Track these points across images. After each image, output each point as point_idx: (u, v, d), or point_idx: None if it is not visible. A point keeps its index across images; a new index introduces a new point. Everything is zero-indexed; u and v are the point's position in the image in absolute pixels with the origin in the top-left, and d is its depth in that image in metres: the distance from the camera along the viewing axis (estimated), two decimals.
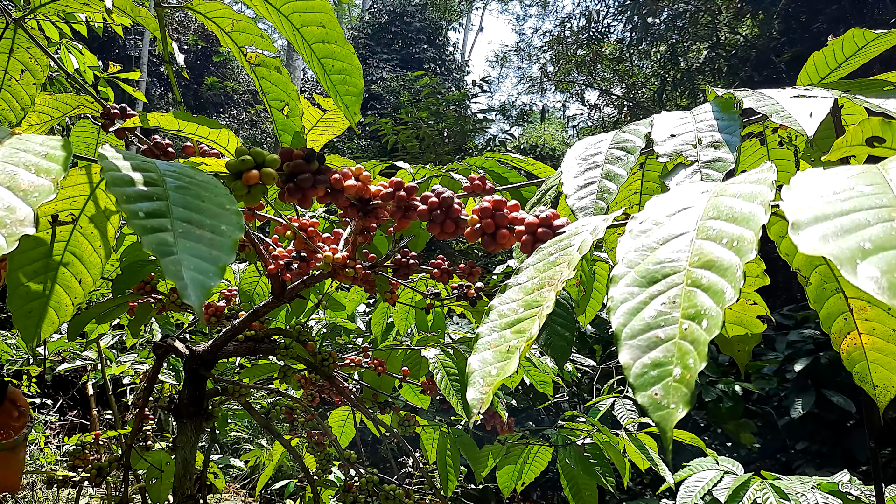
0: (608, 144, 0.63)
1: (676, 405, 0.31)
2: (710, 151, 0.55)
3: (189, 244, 0.44)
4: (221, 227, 0.47)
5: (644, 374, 0.33)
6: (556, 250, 0.51)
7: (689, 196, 0.43)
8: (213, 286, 0.42)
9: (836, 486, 2.22)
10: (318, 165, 0.73)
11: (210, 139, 0.82)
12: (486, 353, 0.46)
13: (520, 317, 0.46)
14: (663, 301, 0.36)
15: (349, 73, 0.82)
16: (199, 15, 0.82)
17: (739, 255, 0.35)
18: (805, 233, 0.33)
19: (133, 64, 11.99)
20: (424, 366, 1.87)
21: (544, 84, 13.94)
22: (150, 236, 0.43)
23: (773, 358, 5.69)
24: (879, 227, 0.31)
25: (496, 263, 6.39)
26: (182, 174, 0.51)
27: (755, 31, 9.95)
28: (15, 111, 0.95)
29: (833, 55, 0.73)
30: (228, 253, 0.45)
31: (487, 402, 0.43)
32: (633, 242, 0.41)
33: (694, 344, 0.33)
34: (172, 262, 0.42)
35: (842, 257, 0.30)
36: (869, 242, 0.30)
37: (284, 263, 1.18)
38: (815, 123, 0.52)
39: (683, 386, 0.32)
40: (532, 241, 0.66)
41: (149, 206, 0.46)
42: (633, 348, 0.35)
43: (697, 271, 0.36)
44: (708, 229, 0.38)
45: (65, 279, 0.63)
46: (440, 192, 0.75)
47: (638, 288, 0.37)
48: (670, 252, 0.38)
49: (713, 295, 0.34)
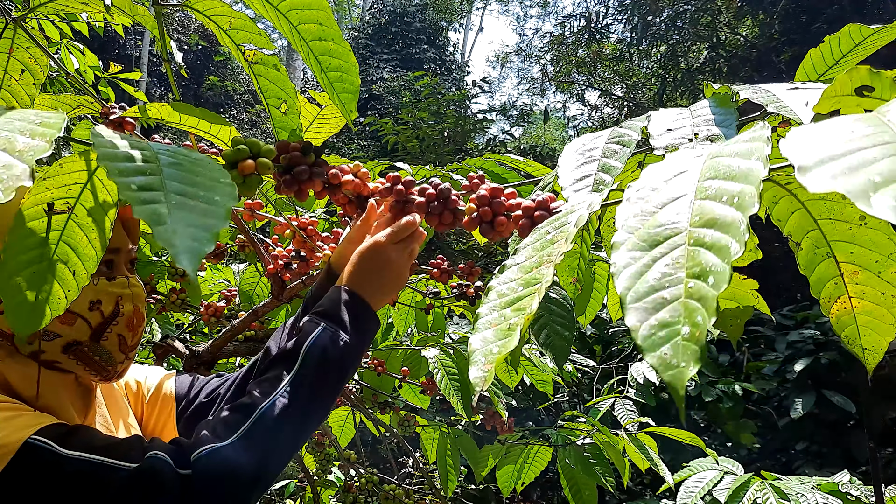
0: (605, 140, 0.63)
1: (687, 363, 0.31)
2: (707, 144, 0.55)
3: (183, 214, 0.44)
4: (215, 198, 0.47)
5: (652, 335, 0.33)
6: (552, 229, 0.51)
7: (685, 160, 0.43)
8: (206, 251, 0.43)
9: (836, 487, 2.22)
10: (315, 158, 0.73)
11: (211, 134, 0.82)
12: (487, 332, 0.45)
13: (519, 295, 0.46)
14: (667, 262, 0.36)
15: (345, 70, 0.82)
16: (196, 13, 0.82)
17: (742, 211, 0.35)
18: (813, 174, 0.33)
19: (133, 64, 12.00)
20: (424, 366, 1.87)
21: (545, 84, 13.95)
22: (144, 207, 0.44)
23: (773, 358, 5.69)
24: (886, 161, 0.32)
25: (496, 263, 6.39)
26: (176, 153, 0.51)
27: (755, 31, 9.95)
28: None
29: (830, 52, 0.73)
30: (222, 220, 0.46)
31: (490, 380, 0.42)
32: (632, 208, 0.41)
33: (701, 301, 0.33)
34: (165, 231, 0.42)
35: (855, 191, 0.31)
36: (878, 176, 0.31)
37: (284, 263, 1.18)
38: (810, 112, 0.52)
39: (693, 343, 0.32)
40: (530, 224, 0.66)
41: (142, 180, 0.46)
42: (638, 311, 0.34)
43: (700, 230, 0.36)
44: (707, 189, 0.38)
45: (59, 271, 0.61)
46: (437, 183, 0.76)
47: (640, 252, 0.37)
48: (671, 214, 0.38)
49: (717, 251, 0.34)
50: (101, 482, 0.66)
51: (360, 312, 0.84)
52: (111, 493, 0.66)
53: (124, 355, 0.85)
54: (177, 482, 0.67)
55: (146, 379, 1.04)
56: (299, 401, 0.76)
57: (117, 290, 0.84)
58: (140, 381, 1.03)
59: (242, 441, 0.71)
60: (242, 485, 0.70)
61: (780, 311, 6.24)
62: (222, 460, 0.69)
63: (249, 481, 0.71)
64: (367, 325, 0.86)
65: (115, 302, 0.83)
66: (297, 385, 0.77)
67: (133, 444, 0.71)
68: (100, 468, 0.66)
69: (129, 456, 0.68)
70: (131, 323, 0.85)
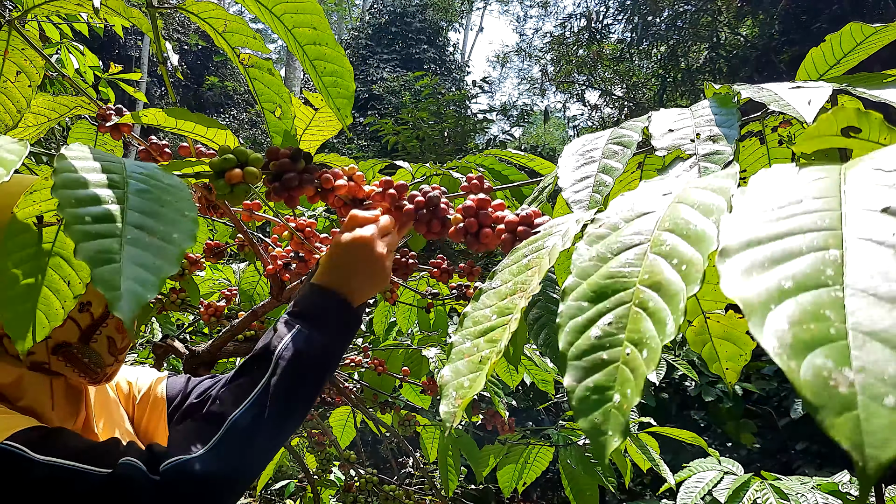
0: (605, 140, 0.63)
1: (614, 433, 0.31)
2: (708, 145, 0.55)
3: (135, 251, 0.42)
4: (174, 235, 0.45)
5: (586, 397, 0.32)
6: (529, 252, 0.50)
7: (652, 199, 0.42)
8: (148, 299, 0.40)
9: (836, 487, 2.21)
10: (305, 165, 0.73)
11: (208, 138, 0.82)
12: (460, 363, 0.44)
13: (493, 324, 0.45)
14: (610, 320, 0.35)
15: (340, 75, 0.82)
16: (191, 15, 0.82)
17: (686, 282, 0.33)
18: (731, 263, 0.29)
19: (133, 64, 12.00)
20: (425, 365, 1.87)
21: (545, 84, 13.95)
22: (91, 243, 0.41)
23: None
24: (811, 258, 0.27)
25: (496, 263, 6.38)
26: (149, 177, 0.50)
27: (755, 31, 9.95)
28: (11, 113, 0.95)
29: (832, 51, 0.73)
30: (173, 264, 0.44)
31: (460, 416, 0.41)
32: (589, 251, 0.40)
33: (633, 373, 0.32)
34: (110, 272, 0.40)
35: (754, 303, 0.26)
36: (790, 280, 0.26)
37: (283, 264, 1.18)
38: (813, 110, 0.52)
39: (621, 414, 0.31)
40: (512, 240, 0.66)
41: (99, 211, 0.44)
42: (577, 370, 0.34)
43: (647, 291, 0.34)
44: (662, 243, 0.37)
45: (53, 281, 0.61)
46: (426, 191, 0.75)
47: (587, 303, 0.36)
48: (623, 264, 0.37)
49: (657, 323, 0.33)
50: (72, 488, 0.65)
51: (338, 310, 0.81)
52: (83, 499, 0.65)
53: (113, 358, 0.85)
54: (149, 489, 0.66)
55: (137, 380, 1.03)
56: (272, 407, 0.74)
57: None
58: (131, 381, 1.03)
59: (213, 452, 0.70)
60: (213, 494, 0.70)
61: None
62: (192, 472, 0.68)
63: (220, 490, 0.70)
64: (347, 322, 0.82)
65: (104, 304, 0.82)
66: (269, 391, 0.75)
67: (108, 448, 0.71)
68: (72, 473, 0.65)
69: (102, 461, 0.67)
70: (121, 325, 0.85)
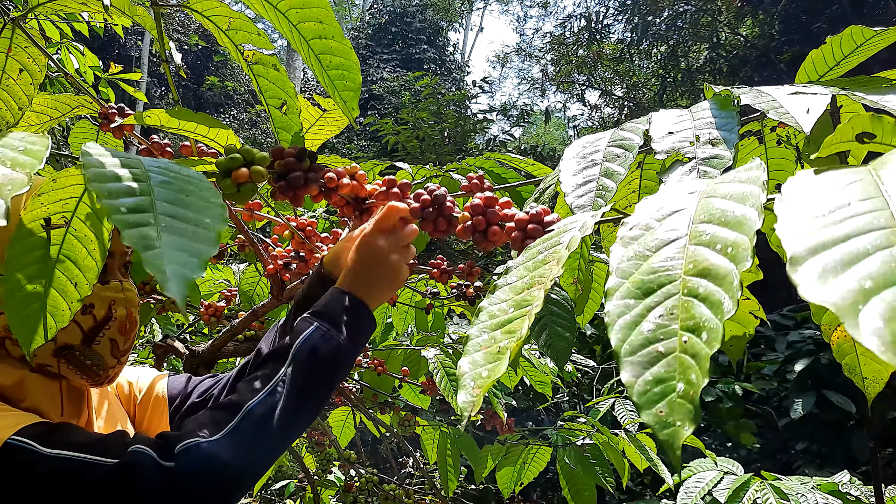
0: (606, 142, 0.63)
1: (683, 422, 0.30)
2: (708, 148, 0.55)
3: (172, 238, 0.43)
4: (206, 220, 0.46)
5: (647, 391, 0.32)
6: (545, 248, 0.50)
7: (679, 197, 0.42)
8: (195, 278, 0.42)
9: (836, 487, 2.22)
10: (310, 164, 0.73)
11: (209, 138, 0.82)
12: (477, 355, 0.45)
13: (510, 317, 0.45)
14: (660, 313, 0.34)
15: (347, 68, 0.82)
16: (195, 13, 0.82)
17: (735, 263, 0.33)
18: (804, 270, 0.29)
19: (133, 64, 12.00)
20: (424, 366, 1.87)
21: (545, 84, 13.95)
22: (133, 231, 0.43)
23: (773, 358, 5.69)
24: (880, 256, 0.27)
25: (496, 263, 6.39)
26: (167, 169, 0.51)
27: (755, 31, 9.95)
28: (13, 111, 0.95)
29: (832, 53, 0.73)
30: (212, 245, 0.45)
31: (478, 405, 0.42)
32: (625, 251, 0.40)
33: (695, 358, 0.31)
34: (154, 256, 0.41)
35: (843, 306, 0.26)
36: (869, 280, 0.26)
37: (283, 264, 1.18)
38: (811, 120, 0.52)
39: (688, 402, 0.30)
40: (522, 237, 0.66)
41: (132, 202, 0.45)
42: (633, 365, 0.33)
43: (694, 279, 0.34)
44: (700, 234, 0.37)
45: (60, 283, 0.61)
46: (432, 189, 0.75)
47: (634, 300, 0.36)
48: (664, 259, 0.37)
49: (711, 305, 0.33)
50: (83, 479, 0.65)
51: (355, 312, 0.83)
52: (94, 489, 0.65)
53: (116, 360, 0.85)
54: (160, 475, 0.66)
55: (138, 380, 1.04)
56: (287, 399, 0.76)
57: (110, 293, 0.83)
58: (132, 381, 1.03)
59: (228, 438, 0.71)
60: (226, 481, 0.70)
61: (780, 311, 6.23)
62: (207, 456, 0.68)
63: (233, 478, 0.70)
64: (362, 325, 0.84)
65: (107, 306, 0.83)
66: (286, 383, 0.76)
67: (116, 439, 0.71)
68: (82, 465, 0.65)
69: (111, 452, 0.67)
70: (124, 327, 0.85)
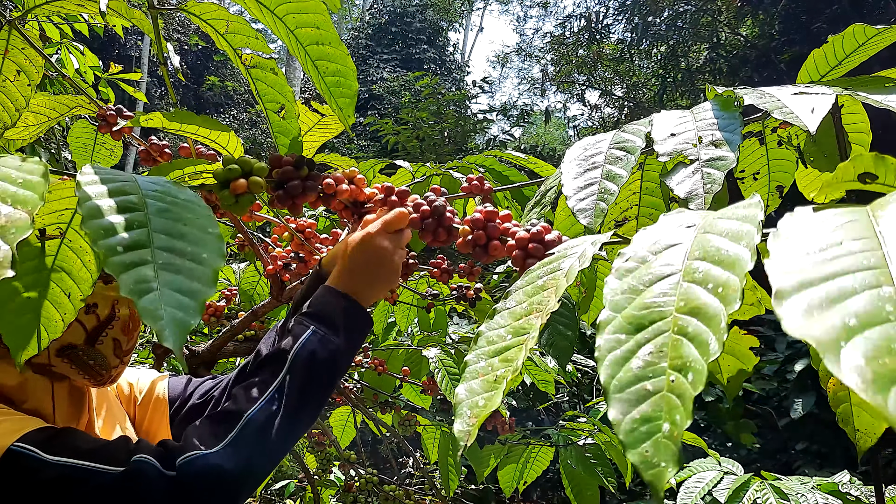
0: (608, 144, 0.62)
1: (667, 463, 0.30)
2: (711, 150, 0.55)
3: (169, 277, 0.42)
4: (203, 256, 0.45)
5: (634, 430, 0.32)
6: (544, 273, 0.50)
7: (676, 231, 0.42)
8: (193, 325, 0.41)
9: (836, 487, 2.22)
10: (308, 171, 0.73)
11: (210, 139, 0.82)
12: (474, 383, 0.45)
13: (507, 344, 0.46)
14: (650, 350, 0.35)
15: (343, 74, 0.81)
16: (192, 16, 0.81)
17: (724, 304, 0.34)
18: (789, 305, 0.29)
19: (133, 64, 11.99)
20: (425, 365, 1.87)
21: (545, 85, 13.95)
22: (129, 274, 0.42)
23: (773, 358, 5.68)
24: (866, 295, 0.28)
25: (497, 263, 6.38)
26: (165, 194, 0.50)
27: (755, 31, 9.94)
28: (10, 112, 0.95)
29: (833, 52, 0.72)
30: (209, 285, 0.44)
31: (474, 435, 0.42)
32: (619, 284, 0.40)
33: (681, 398, 0.32)
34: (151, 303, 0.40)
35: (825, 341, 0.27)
36: (854, 318, 0.27)
37: (283, 264, 1.18)
38: (817, 119, 0.51)
39: (672, 443, 0.31)
40: (523, 256, 0.66)
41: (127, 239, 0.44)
42: (621, 402, 0.33)
43: (684, 318, 0.35)
44: (694, 271, 0.37)
45: (54, 294, 0.61)
46: (432, 200, 0.75)
47: (625, 335, 0.36)
48: (657, 295, 0.37)
49: (699, 346, 0.33)
50: (86, 487, 0.65)
51: (352, 313, 0.82)
52: (97, 497, 0.65)
53: (119, 359, 0.85)
54: (163, 484, 0.66)
55: (138, 381, 1.04)
56: (286, 406, 0.76)
57: (114, 293, 0.83)
58: (132, 382, 1.03)
59: (229, 448, 0.71)
60: (228, 490, 0.70)
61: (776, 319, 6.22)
62: (209, 467, 0.69)
63: (235, 487, 0.71)
64: (359, 326, 0.83)
65: (111, 305, 0.83)
66: (285, 390, 0.76)
67: (119, 446, 0.71)
68: (85, 473, 0.65)
69: (114, 459, 0.68)
70: (127, 327, 0.85)
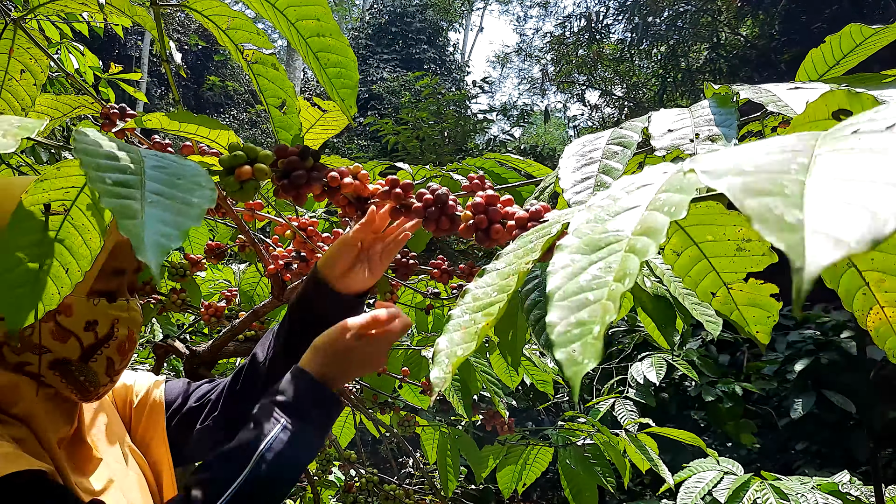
0: (605, 141, 0.63)
1: (589, 360, 0.33)
2: (707, 145, 0.55)
3: (156, 211, 0.43)
4: (192, 199, 0.46)
5: (567, 332, 0.34)
6: (536, 237, 0.51)
7: (653, 174, 0.43)
8: (173, 247, 0.41)
9: (836, 487, 2.22)
10: (314, 163, 0.73)
11: (210, 139, 0.82)
12: (455, 334, 0.46)
13: (492, 300, 0.46)
14: (600, 266, 0.36)
15: (344, 65, 0.82)
16: (195, 13, 0.82)
17: (671, 216, 0.35)
18: (725, 180, 0.32)
19: (133, 64, 12.00)
20: (425, 366, 1.87)
21: (545, 84, 13.96)
22: (114, 199, 0.42)
23: (773, 358, 5.69)
24: (781, 159, 0.31)
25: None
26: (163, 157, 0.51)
27: (755, 31, 9.95)
28: (15, 111, 0.95)
29: (831, 52, 0.73)
30: (195, 219, 0.45)
31: (449, 382, 0.43)
32: (587, 214, 0.41)
33: (612, 300, 0.34)
34: (133, 225, 0.41)
35: (712, 170, 0.31)
36: (759, 171, 0.30)
37: (284, 264, 1.18)
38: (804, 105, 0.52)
39: (598, 342, 0.33)
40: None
41: (119, 177, 0.45)
42: (562, 308, 0.35)
43: (636, 238, 0.36)
44: (657, 200, 0.38)
45: (53, 268, 0.62)
46: (435, 188, 0.75)
47: (581, 255, 0.38)
48: (620, 223, 0.38)
49: (640, 254, 0.35)
50: None
51: (325, 403, 0.86)
52: None
53: (109, 378, 0.85)
54: None
55: (135, 383, 1.04)
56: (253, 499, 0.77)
57: (115, 312, 0.84)
58: (129, 384, 1.03)
59: None
60: None
61: (780, 311, 6.22)
62: None
63: None
64: (329, 412, 0.87)
65: (110, 324, 0.83)
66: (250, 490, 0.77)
67: None
68: None
69: None
70: (122, 347, 0.85)
